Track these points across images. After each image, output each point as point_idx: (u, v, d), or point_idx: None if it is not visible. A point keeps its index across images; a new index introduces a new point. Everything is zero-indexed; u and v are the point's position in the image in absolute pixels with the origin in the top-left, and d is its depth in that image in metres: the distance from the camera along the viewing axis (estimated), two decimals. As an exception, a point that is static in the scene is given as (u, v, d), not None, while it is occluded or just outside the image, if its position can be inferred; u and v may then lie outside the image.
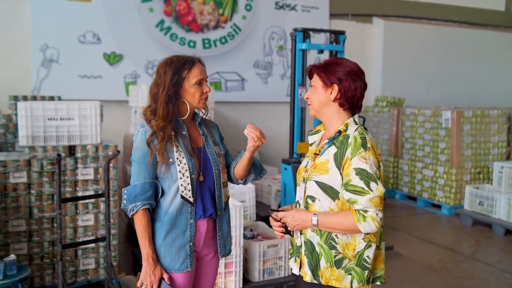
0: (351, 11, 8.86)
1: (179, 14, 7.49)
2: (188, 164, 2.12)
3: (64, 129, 3.87)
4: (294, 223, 1.99)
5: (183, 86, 2.15)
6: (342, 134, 1.99)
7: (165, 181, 2.13)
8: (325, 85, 2.03)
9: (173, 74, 2.12)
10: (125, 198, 2.12)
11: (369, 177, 1.87)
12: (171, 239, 2.14)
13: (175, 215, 2.13)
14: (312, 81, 2.09)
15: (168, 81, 2.12)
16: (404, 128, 7.69)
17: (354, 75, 2.00)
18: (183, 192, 2.11)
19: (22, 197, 3.77)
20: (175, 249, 2.14)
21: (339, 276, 1.94)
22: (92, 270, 4.01)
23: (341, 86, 2.00)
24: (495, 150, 7.07)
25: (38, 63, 6.69)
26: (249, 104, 8.07)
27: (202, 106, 2.22)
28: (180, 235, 2.14)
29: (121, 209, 6.00)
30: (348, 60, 2.06)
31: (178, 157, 2.12)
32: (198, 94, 2.17)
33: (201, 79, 2.17)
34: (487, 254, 5.25)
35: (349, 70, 2.00)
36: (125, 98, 7.00)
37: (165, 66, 2.15)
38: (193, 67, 2.16)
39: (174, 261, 2.15)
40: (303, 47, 5.48)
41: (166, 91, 2.11)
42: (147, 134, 2.12)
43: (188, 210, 2.14)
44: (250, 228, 4.25)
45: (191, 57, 2.19)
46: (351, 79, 1.99)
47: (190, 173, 2.12)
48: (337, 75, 2.00)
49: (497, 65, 10.15)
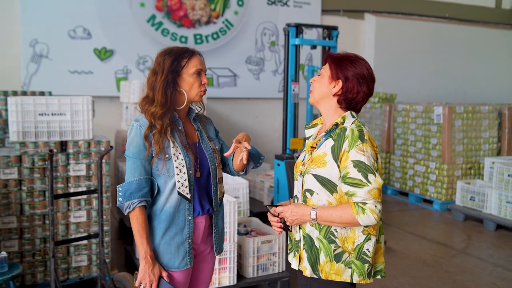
0: (343, 7, 8.86)
1: (171, 9, 7.43)
2: (185, 159, 2.08)
3: (56, 124, 3.82)
4: (293, 217, 1.97)
5: (181, 74, 2.11)
6: (339, 126, 1.97)
7: (160, 178, 2.09)
8: (331, 77, 2.00)
9: (173, 60, 2.10)
10: (121, 195, 2.06)
11: (367, 169, 1.86)
12: (170, 236, 2.10)
13: (172, 212, 2.09)
14: (322, 68, 2.07)
15: (167, 67, 2.09)
16: (396, 124, 7.71)
17: (362, 78, 1.97)
18: (180, 189, 2.07)
19: (13, 194, 3.71)
20: (174, 246, 2.11)
21: (339, 270, 1.93)
22: (84, 267, 3.97)
23: (345, 85, 1.98)
24: (486, 145, 7.12)
25: (28, 58, 6.60)
26: (241, 100, 8.05)
27: (199, 99, 2.18)
28: (178, 233, 2.11)
29: (114, 206, 5.95)
30: (364, 63, 2.01)
31: (175, 153, 2.08)
32: (196, 85, 2.13)
33: (200, 69, 2.14)
34: (479, 248, 5.28)
35: (359, 73, 1.97)
36: (116, 94, 6.94)
37: (164, 54, 2.12)
38: (193, 57, 2.13)
39: (173, 259, 2.11)
40: (296, 42, 5.47)
41: (165, 77, 2.08)
42: (142, 128, 2.07)
43: (185, 207, 2.11)
44: (244, 224, 4.23)
45: (190, 48, 2.18)
46: (357, 82, 1.97)
47: (187, 169, 2.08)
48: (346, 72, 1.97)
49: (488, 61, 10.22)
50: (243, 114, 8.03)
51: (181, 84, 2.13)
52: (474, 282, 4.31)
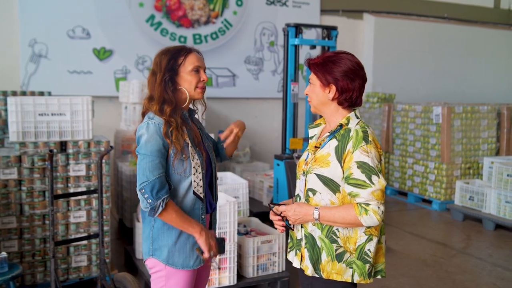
0: (342, 7, 8.86)
1: (170, 9, 7.42)
2: (199, 159, 2.10)
3: (55, 124, 3.81)
4: (295, 217, 1.97)
5: (179, 72, 2.11)
6: (343, 127, 1.97)
7: (175, 177, 2.07)
8: (322, 84, 2.00)
9: (169, 59, 2.10)
10: (148, 196, 1.98)
11: (371, 170, 1.86)
12: (185, 237, 2.10)
13: (188, 212, 2.09)
14: (310, 78, 2.06)
15: (164, 66, 2.09)
16: (395, 124, 7.71)
17: (352, 73, 1.96)
18: (195, 188, 2.08)
19: (13, 194, 3.71)
20: (189, 246, 2.11)
21: (340, 269, 1.94)
22: (84, 267, 3.97)
23: (338, 86, 1.97)
24: (485, 145, 7.13)
25: (27, 58, 6.59)
26: (240, 100, 8.05)
27: (198, 95, 2.17)
28: None
29: (113, 206, 5.93)
30: (345, 57, 1.99)
31: (192, 152, 2.08)
32: (194, 81, 2.13)
33: (198, 66, 2.14)
34: (478, 248, 5.29)
35: (346, 69, 1.96)
36: (115, 94, 6.94)
37: (162, 54, 2.14)
38: (190, 54, 2.13)
39: (188, 259, 2.12)
40: (295, 42, 5.48)
41: (162, 76, 2.08)
42: (160, 125, 2.04)
43: (199, 206, 2.12)
44: (244, 224, 4.23)
45: (187, 46, 2.18)
46: (348, 79, 1.96)
47: (202, 168, 2.10)
48: (334, 75, 1.96)
49: (486, 61, 10.23)
50: (242, 114, 8.02)
51: (180, 82, 2.12)
52: (473, 282, 4.31)
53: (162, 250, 2.10)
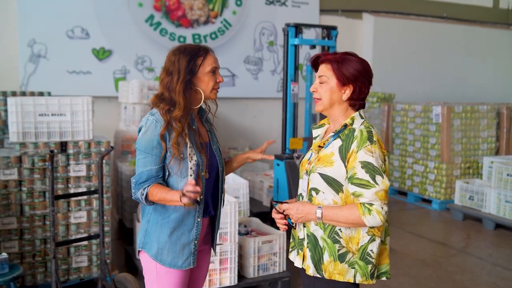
0: (341, 7, 8.86)
1: (169, 9, 7.41)
2: (198, 160, 2.07)
3: (56, 125, 3.80)
4: (298, 215, 1.97)
5: (197, 74, 2.07)
6: (348, 127, 1.97)
7: (172, 177, 2.06)
8: (340, 83, 1.96)
9: (188, 60, 2.05)
10: (133, 187, 2.04)
11: (375, 170, 1.86)
12: (177, 236, 2.09)
13: (183, 213, 2.08)
14: (323, 75, 1.99)
15: (183, 68, 2.03)
16: (395, 124, 7.72)
17: (366, 75, 1.96)
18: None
19: (13, 195, 3.70)
20: (179, 246, 2.10)
21: (343, 270, 1.93)
22: (84, 268, 3.96)
23: (357, 87, 1.95)
24: (484, 145, 7.14)
25: (26, 59, 6.58)
26: (240, 100, 8.04)
27: (214, 96, 2.15)
28: (185, 233, 2.10)
29: (114, 206, 5.91)
30: (358, 58, 1.97)
31: (190, 153, 2.05)
32: (212, 83, 2.10)
33: (215, 67, 2.12)
34: (478, 248, 5.30)
35: (362, 71, 1.94)
36: (115, 94, 6.92)
37: (178, 53, 2.06)
38: (208, 55, 2.10)
39: (177, 258, 2.11)
40: (295, 42, 5.47)
41: (183, 78, 2.03)
42: (159, 124, 2.02)
43: (196, 209, 2.10)
44: (244, 224, 4.23)
45: (204, 45, 2.14)
46: (366, 80, 1.96)
47: (200, 170, 2.07)
48: (354, 75, 1.94)
49: (485, 61, 10.24)
50: (241, 113, 8.02)
51: (197, 83, 2.09)
52: (473, 282, 4.32)
53: (152, 245, 2.10)
